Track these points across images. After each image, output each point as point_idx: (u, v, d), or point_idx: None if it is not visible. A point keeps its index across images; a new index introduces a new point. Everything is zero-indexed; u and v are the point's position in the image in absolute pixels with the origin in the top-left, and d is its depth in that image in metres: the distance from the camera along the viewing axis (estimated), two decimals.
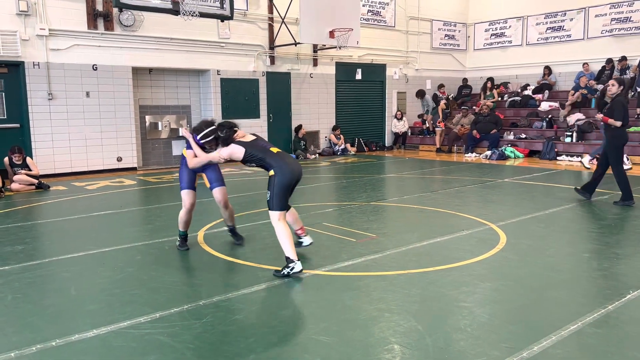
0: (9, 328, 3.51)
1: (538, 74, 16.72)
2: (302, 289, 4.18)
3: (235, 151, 4.67)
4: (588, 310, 3.66)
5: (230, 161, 4.92)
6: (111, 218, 7.06)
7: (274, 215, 4.55)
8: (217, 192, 5.38)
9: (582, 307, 3.75)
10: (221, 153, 4.75)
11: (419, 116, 17.17)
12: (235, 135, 4.73)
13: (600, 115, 7.39)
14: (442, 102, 16.56)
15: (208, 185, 5.47)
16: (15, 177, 9.38)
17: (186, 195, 5.26)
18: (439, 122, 15.91)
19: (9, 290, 4.25)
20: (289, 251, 4.48)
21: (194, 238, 5.80)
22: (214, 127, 4.86)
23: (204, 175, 5.45)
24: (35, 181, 9.50)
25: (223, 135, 4.71)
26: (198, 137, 4.94)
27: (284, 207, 4.59)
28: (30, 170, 9.58)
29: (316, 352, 3.11)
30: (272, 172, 4.55)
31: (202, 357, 3.09)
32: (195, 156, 5.01)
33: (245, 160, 4.71)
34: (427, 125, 16.61)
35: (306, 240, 5.14)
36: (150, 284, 4.36)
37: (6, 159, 9.56)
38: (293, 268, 4.44)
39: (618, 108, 7.07)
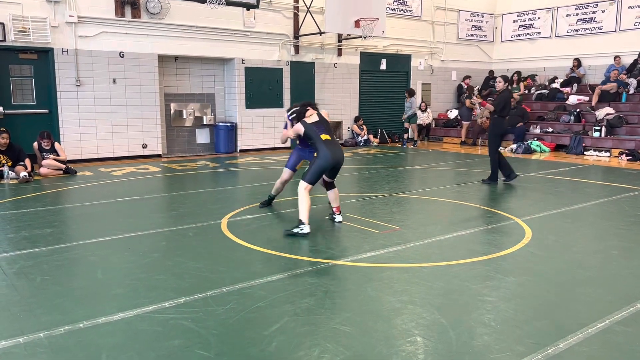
0: (38, 309, 3.60)
1: (566, 66, 16.37)
2: (324, 279, 4.18)
3: (298, 128, 5.74)
4: (616, 308, 3.60)
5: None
6: (136, 204, 7.16)
7: (303, 185, 5.50)
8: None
9: (610, 304, 3.68)
10: (292, 128, 5.87)
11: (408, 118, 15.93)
12: (306, 113, 5.83)
13: (478, 99, 8.93)
14: (467, 99, 16.17)
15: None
16: (44, 162, 9.56)
17: (284, 172, 6.55)
18: (474, 113, 15.66)
19: (38, 272, 4.34)
20: (304, 215, 5.34)
21: (217, 226, 5.85)
22: (298, 106, 5.97)
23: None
24: (63, 166, 9.68)
25: (295, 112, 5.86)
26: (288, 113, 6.13)
27: (313, 182, 5.54)
28: (58, 155, 9.75)
29: (339, 342, 3.11)
30: (316, 154, 5.56)
31: (225, 343, 3.12)
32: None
33: (305, 138, 5.78)
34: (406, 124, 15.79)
35: (338, 217, 6.05)
36: (174, 269, 4.42)
37: (35, 144, 9.74)
38: (302, 229, 5.30)
39: (500, 100, 8.52)
